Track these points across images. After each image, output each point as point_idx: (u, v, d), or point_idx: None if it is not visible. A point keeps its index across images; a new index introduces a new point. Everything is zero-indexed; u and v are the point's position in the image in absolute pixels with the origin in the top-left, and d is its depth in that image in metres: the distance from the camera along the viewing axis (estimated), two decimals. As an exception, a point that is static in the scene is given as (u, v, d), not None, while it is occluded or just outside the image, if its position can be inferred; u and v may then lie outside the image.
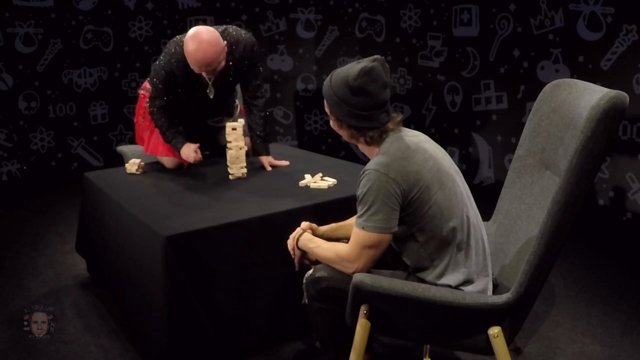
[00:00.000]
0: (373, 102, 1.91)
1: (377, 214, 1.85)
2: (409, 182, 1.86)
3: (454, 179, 1.96)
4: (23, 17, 5.03)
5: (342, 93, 1.92)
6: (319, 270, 2.04)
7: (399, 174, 1.85)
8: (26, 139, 5.21)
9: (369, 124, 1.94)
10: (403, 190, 1.85)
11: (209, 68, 2.73)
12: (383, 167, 1.86)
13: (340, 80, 1.93)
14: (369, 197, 1.86)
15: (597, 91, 1.75)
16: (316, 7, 5.61)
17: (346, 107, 1.92)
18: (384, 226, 1.86)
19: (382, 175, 1.84)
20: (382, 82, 1.91)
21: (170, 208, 2.56)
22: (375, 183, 1.85)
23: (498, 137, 4.76)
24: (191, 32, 2.73)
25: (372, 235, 1.87)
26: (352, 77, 1.89)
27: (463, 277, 1.92)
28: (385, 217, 1.85)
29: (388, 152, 1.90)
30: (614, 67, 3.88)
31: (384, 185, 1.84)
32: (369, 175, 1.87)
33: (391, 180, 1.84)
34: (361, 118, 1.93)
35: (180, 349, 2.29)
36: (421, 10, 5.15)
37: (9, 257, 3.62)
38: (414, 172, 1.86)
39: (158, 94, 2.97)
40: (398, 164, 1.86)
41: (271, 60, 5.72)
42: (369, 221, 1.86)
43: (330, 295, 2.01)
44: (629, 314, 2.84)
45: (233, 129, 2.92)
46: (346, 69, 1.94)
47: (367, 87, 1.88)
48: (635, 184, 3.87)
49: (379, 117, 1.93)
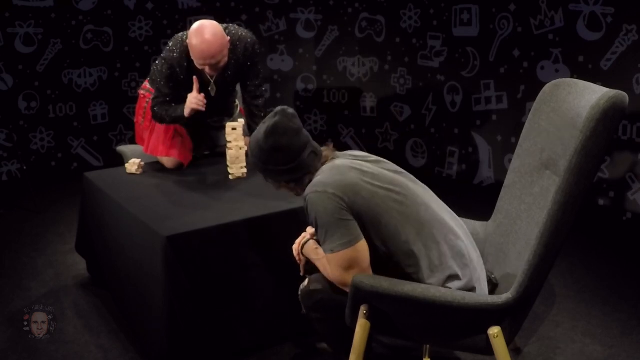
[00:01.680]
0: (292, 153, 1.96)
1: (336, 232, 1.84)
2: (349, 193, 1.85)
3: (401, 183, 1.95)
4: (23, 17, 5.03)
5: (262, 157, 1.98)
6: (313, 282, 2.03)
7: (337, 189, 1.85)
8: (26, 139, 5.21)
9: (301, 172, 1.98)
10: (346, 202, 1.84)
11: (213, 61, 2.73)
12: (320, 187, 1.87)
13: (255, 147, 2.00)
14: (321, 220, 1.85)
15: (597, 91, 1.74)
16: (316, 7, 5.61)
17: (271, 167, 1.98)
18: (348, 240, 1.84)
19: (322, 194, 1.85)
20: (292, 131, 1.95)
21: (170, 208, 2.56)
22: (319, 204, 1.85)
23: (498, 137, 4.76)
24: (195, 26, 2.73)
25: (343, 253, 1.85)
26: (262, 140, 1.96)
27: (445, 275, 1.89)
28: (345, 231, 1.84)
29: (321, 175, 1.93)
30: (614, 67, 3.88)
31: (327, 202, 1.84)
32: (310, 200, 1.88)
33: (331, 195, 1.84)
34: (291, 171, 1.97)
35: (180, 349, 2.29)
36: (421, 10, 5.15)
37: (9, 257, 3.62)
38: (351, 185, 1.87)
39: (160, 94, 2.96)
40: (333, 180, 1.88)
41: (271, 60, 5.72)
42: (332, 243, 1.85)
43: (326, 306, 2.01)
44: (629, 314, 2.84)
45: (233, 129, 2.92)
46: (255, 134, 2.01)
47: (278, 144, 1.94)
48: (635, 184, 3.87)
49: (306, 160, 1.97)
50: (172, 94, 2.96)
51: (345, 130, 5.78)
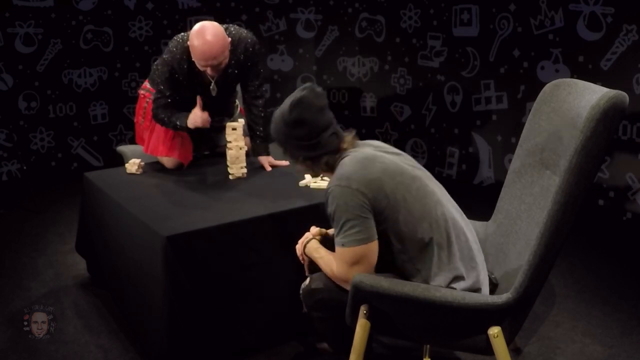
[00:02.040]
0: (314, 129, 1.95)
1: (352, 228, 1.84)
2: (373, 189, 1.85)
3: (421, 179, 1.95)
4: (23, 17, 5.03)
5: (283, 130, 1.98)
6: (314, 281, 2.04)
7: (361, 184, 1.85)
8: (26, 139, 5.21)
9: (320, 150, 1.97)
10: (369, 199, 1.85)
11: (215, 62, 2.72)
12: (344, 181, 1.86)
13: (278, 119, 1.99)
14: (340, 214, 1.85)
15: (597, 91, 1.75)
16: (316, 7, 5.61)
17: (292, 141, 1.98)
18: (362, 237, 1.85)
19: (346, 189, 1.85)
20: (316, 107, 1.94)
21: (170, 208, 2.56)
22: (341, 199, 1.85)
23: (498, 137, 4.76)
24: (196, 27, 2.73)
25: (354, 249, 1.86)
26: (286, 113, 1.95)
27: (452, 275, 1.90)
28: (362, 228, 1.84)
29: (346, 166, 1.92)
30: (614, 67, 3.88)
31: (350, 198, 1.84)
32: (332, 192, 1.88)
33: (355, 191, 1.84)
34: (310, 148, 1.97)
35: (180, 349, 2.29)
36: (421, 10, 5.15)
37: (9, 257, 3.62)
38: (376, 180, 1.87)
39: (161, 96, 2.96)
40: (358, 175, 1.87)
41: (271, 60, 5.72)
42: (346, 237, 1.85)
43: (327, 305, 2.01)
44: (629, 314, 2.84)
45: (233, 129, 2.92)
46: (281, 106, 2.00)
47: (302, 117, 1.93)
48: (635, 184, 3.87)
49: (327, 141, 1.97)
50: (172, 95, 2.96)
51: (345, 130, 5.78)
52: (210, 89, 2.98)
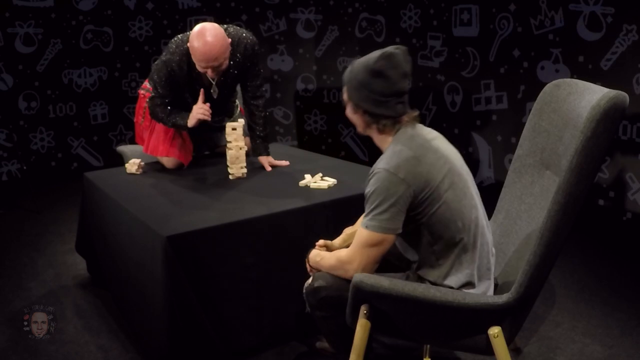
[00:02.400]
0: (391, 88, 1.90)
1: (383, 213, 1.83)
2: (419, 182, 1.84)
3: (465, 180, 1.94)
4: (23, 17, 5.03)
5: (362, 76, 1.90)
6: (317, 279, 2.04)
7: (409, 174, 1.83)
8: (26, 139, 5.21)
9: (385, 111, 1.92)
10: (413, 192, 1.83)
11: (216, 63, 2.72)
12: (393, 168, 1.84)
13: (361, 64, 1.92)
14: (377, 197, 1.84)
15: (597, 91, 1.74)
16: (316, 7, 5.61)
17: (364, 90, 1.91)
18: (387, 227, 1.84)
19: (392, 175, 1.83)
20: (402, 70, 1.90)
21: (170, 208, 2.56)
22: (384, 183, 1.83)
23: (498, 137, 4.76)
24: (196, 29, 2.73)
25: (374, 234, 1.86)
26: (373, 60, 1.89)
27: (465, 279, 1.91)
28: (391, 218, 1.83)
29: (400, 152, 1.87)
30: (614, 67, 3.88)
31: (393, 185, 1.82)
32: (378, 174, 1.85)
33: (401, 180, 1.82)
34: (377, 103, 1.91)
35: (180, 349, 2.29)
36: (421, 10, 5.15)
37: (9, 257, 3.62)
38: (424, 172, 1.85)
39: (157, 95, 2.96)
40: (409, 164, 1.84)
41: (271, 60, 5.72)
42: (374, 220, 1.85)
43: (330, 304, 2.01)
44: (629, 314, 2.84)
45: (233, 129, 2.92)
46: (367, 56, 1.93)
47: (386, 71, 1.88)
48: (635, 184, 3.87)
49: (395, 106, 1.92)
50: (170, 96, 2.96)
51: (345, 130, 5.78)
52: (212, 91, 2.98)
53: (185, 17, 5.53)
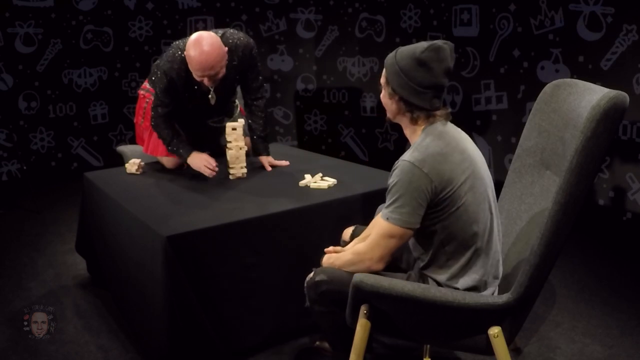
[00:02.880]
0: (432, 80, 1.88)
1: (404, 206, 1.83)
2: (442, 179, 1.84)
3: (486, 185, 1.93)
4: (23, 17, 5.03)
5: (405, 63, 1.90)
6: (318, 273, 2.04)
7: (433, 170, 1.83)
8: (26, 139, 5.21)
9: (420, 102, 1.91)
10: (434, 188, 1.83)
11: (212, 72, 2.72)
12: (418, 161, 1.84)
13: (407, 52, 1.91)
14: (399, 189, 1.84)
15: (597, 91, 1.75)
16: (316, 7, 5.61)
17: (405, 78, 1.89)
18: (408, 220, 1.84)
19: (416, 169, 1.83)
20: (446, 65, 1.89)
21: (170, 208, 2.56)
22: (407, 175, 1.83)
23: (498, 137, 4.76)
24: (193, 38, 2.72)
25: (394, 227, 1.86)
26: (420, 49, 1.88)
27: (472, 283, 1.91)
28: (411, 212, 1.84)
29: (427, 147, 1.87)
30: (614, 67, 3.88)
31: (416, 179, 1.82)
32: (402, 166, 1.85)
33: (424, 175, 1.82)
34: (415, 93, 1.90)
35: (180, 349, 2.29)
36: (421, 10, 5.15)
37: (9, 257, 3.62)
38: (448, 171, 1.85)
39: (160, 102, 2.95)
40: (434, 160, 1.84)
41: (271, 60, 5.72)
42: (395, 213, 1.85)
43: (330, 298, 2.01)
44: (629, 314, 2.84)
45: (233, 129, 2.92)
46: (415, 44, 1.93)
47: (431, 63, 1.87)
48: (635, 184, 3.87)
49: (432, 99, 1.91)
50: (172, 104, 2.95)
51: (345, 130, 5.78)
52: (209, 98, 2.97)
53: (185, 17, 5.53)
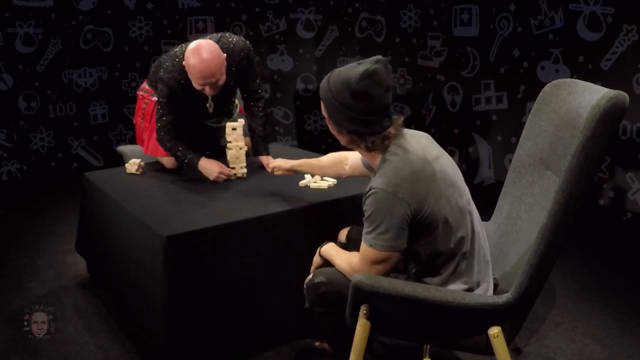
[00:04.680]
0: (375, 106, 1.81)
1: (385, 233, 1.81)
2: (419, 200, 1.80)
3: (460, 188, 1.92)
4: (23, 17, 5.03)
5: (342, 97, 1.82)
6: (317, 275, 2.04)
7: (408, 193, 1.79)
8: (26, 139, 5.21)
9: (371, 129, 1.84)
10: (413, 210, 1.80)
11: (213, 79, 2.71)
12: (392, 187, 1.79)
13: (340, 83, 1.83)
14: (377, 217, 1.80)
15: (597, 91, 1.74)
16: (316, 7, 5.61)
17: (346, 111, 1.82)
18: (392, 245, 1.82)
19: (391, 196, 1.78)
20: (385, 85, 1.81)
21: (170, 208, 2.56)
22: (383, 203, 1.79)
23: (498, 137, 4.76)
24: (191, 47, 2.71)
25: (380, 253, 1.84)
26: (354, 80, 1.79)
27: (465, 286, 1.91)
28: (394, 236, 1.81)
29: (397, 169, 1.82)
30: (614, 67, 3.88)
31: (392, 205, 1.78)
32: (376, 194, 1.80)
33: (400, 200, 1.78)
34: (362, 123, 1.83)
35: (180, 349, 2.29)
36: (421, 10, 5.15)
37: (9, 257, 3.62)
38: (423, 189, 1.81)
39: (165, 112, 2.93)
40: (407, 181, 1.80)
41: (271, 60, 5.72)
42: (378, 239, 1.82)
43: (330, 300, 2.01)
44: (629, 314, 2.84)
45: (233, 129, 2.92)
46: (346, 70, 1.84)
47: (370, 91, 1.79)
48: (635, 184, 3.87)
49: (381, 122, 1.84)
50: (176, 111, 2.95)
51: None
52: (207, 106, 2.97)
53: (185, 17, 5.52)
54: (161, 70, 2.93)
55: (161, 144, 2.99)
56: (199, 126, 3.24)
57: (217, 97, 2.96)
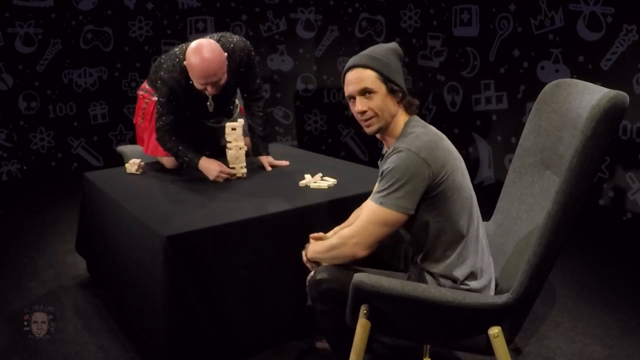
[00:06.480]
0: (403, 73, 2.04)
1: (398, 191, 1.83)
2: (438, 165, 1.86)
3: (465, 174, 1.98)
4: (23, 17, 5.03)
5: (395, 62, 1.98)
6: (320, 272, 2.04)
7: (429, 155, 1.85)
8: (26, 139, 5.21)
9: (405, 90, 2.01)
10: (432, 173, 1.85)
11: (215, 79, 2.70)
12: (415, 147, 1.85)
13: (386, 53, 1.99)
14: (396, 174, 1.84)
15: (597, 91, 1.75)
16: (316, 7, 5.61)
17: (401, 74, 2.00)
18: (404, 205, 1.84)
19: (414, 155, 1.84)
20: None
21: (170, 208, 2.56)
22: (405, 161, 1.84)
23: (498, 137, 4.76)
24: (192, 46, 2.71)
25: (389, 212, 1.85)
26: (396, 47, 2.02)
27: (469, 270, 1.93)
28: (406, 196, 1.84)
29: (419, 135, 1.91)
30: (614, 67, 3.88)
31: (414, 164, 1.83)
32: (400, 153, 1.86)
33: (422, 160, 1.83)
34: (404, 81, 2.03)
35: (180, 349, 2.29)
36: (421, 10, 5.15)
37: (9, 257, 3.62)
38: (442, 157, 1.87)
39: (164, 112, 2.94)
40: (429, 146, 1.87)
41: (271, 60, 5.72)
42: (389, 198, 1.84)
43: (332, 297, 2.01)
44: (629, 314, 2.84)
45: (233, 129, 2.92)
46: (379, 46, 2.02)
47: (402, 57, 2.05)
48: (635, 184, 3.87)
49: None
50: (176, 111, 2.95)
51: (345, 130, 5.78)
52: (208, 105, 2.97)
53: (185, 17, 5.53)
54: (161, 70, 2.92)
55: (161, 144, 2.99)
56: (199, 126, 3.24)
57: (217, 97, 2.96)
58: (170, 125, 2.93)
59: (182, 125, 3.04)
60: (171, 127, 2.94)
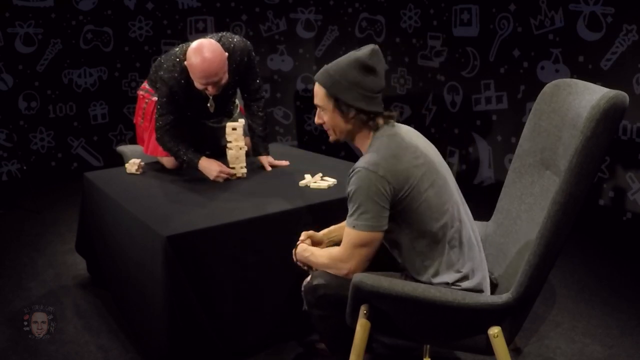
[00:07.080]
0: (379, 84, 1.92)
1: (367, 212, 1.84)
2: (399, 180, 1.85)
3: (444, 177, 1.96)
4: (23, 17, 5.03)
5: (353, 75, 1.90)
6: (315, 277, 2.04)
7: (388, 172, 1.84)
8: (26, 139, 5.21)
9: (376, 107, 1.93)
10: (393, 189, 1.84)
11: (216, 78, 2.70)
12: (372, 165, 1.85)
13: (347, 64, 1.92)
14: (359, 196, 1.85)
15: (597, 91, 1.75)
16: (316, 7, 5.61)
17: (357, 89, 1.90)
18: (374, 224, 1.85)
19: (372, 173, 1.84)
20: (383, 64, 1.94)
21: (170, 208, 2.56)
22: (364, 181, 1.84)
23: (498, 137, 4.76)
24: (193, 46, 2.71)
25: (363, 234, 1.86)
26: (364, 57, 1.89)
27: (459, 275, 1.92)
28: (375, 216, 1.85)
29: (378, 150, 1.89)
30: (614, 67, 3.88)
31: (373, 183, 1.83)
32: (358, 173, 1.86)
33: (380, 177, 1.83)
34: (371, 101, 1.91)
35: (180, 349, 2.29)
36: (421, 10, 5.15)
37: (9, 257, 3.62)
38: (403, 170, 1.86)
39: (164, 111, 2.93)
40: (387, 162, 1.86)
41: (271, 60, 5.72)
42: (360, 219, 1.86)
43: (329, 302, 2.01)
44: (629, 314, 2.84)
45: (233, 129, 2.92)
46: (347, 56, 1.94)
47: (377, 66, 1.90)
48: (635, 184, 3.87)
49: (381, 102, 1.95)
50: (175, 111, 2.94)
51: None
52: (208, 106, 2.97)
53: (185, 17, 5.52)
54: (161, 70, 2.92)
55: (161, 144, 2.99)
56: (199, 126, 3.24)
57: (217, 97, 2.96)
58: (170, 125, 2.93)
59: (182, 125, 3.04)
60: (171, 127, 2.94)
